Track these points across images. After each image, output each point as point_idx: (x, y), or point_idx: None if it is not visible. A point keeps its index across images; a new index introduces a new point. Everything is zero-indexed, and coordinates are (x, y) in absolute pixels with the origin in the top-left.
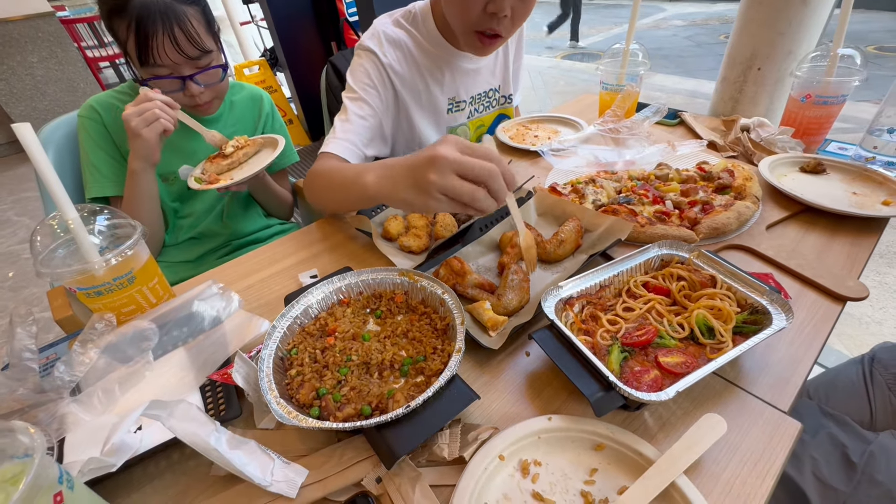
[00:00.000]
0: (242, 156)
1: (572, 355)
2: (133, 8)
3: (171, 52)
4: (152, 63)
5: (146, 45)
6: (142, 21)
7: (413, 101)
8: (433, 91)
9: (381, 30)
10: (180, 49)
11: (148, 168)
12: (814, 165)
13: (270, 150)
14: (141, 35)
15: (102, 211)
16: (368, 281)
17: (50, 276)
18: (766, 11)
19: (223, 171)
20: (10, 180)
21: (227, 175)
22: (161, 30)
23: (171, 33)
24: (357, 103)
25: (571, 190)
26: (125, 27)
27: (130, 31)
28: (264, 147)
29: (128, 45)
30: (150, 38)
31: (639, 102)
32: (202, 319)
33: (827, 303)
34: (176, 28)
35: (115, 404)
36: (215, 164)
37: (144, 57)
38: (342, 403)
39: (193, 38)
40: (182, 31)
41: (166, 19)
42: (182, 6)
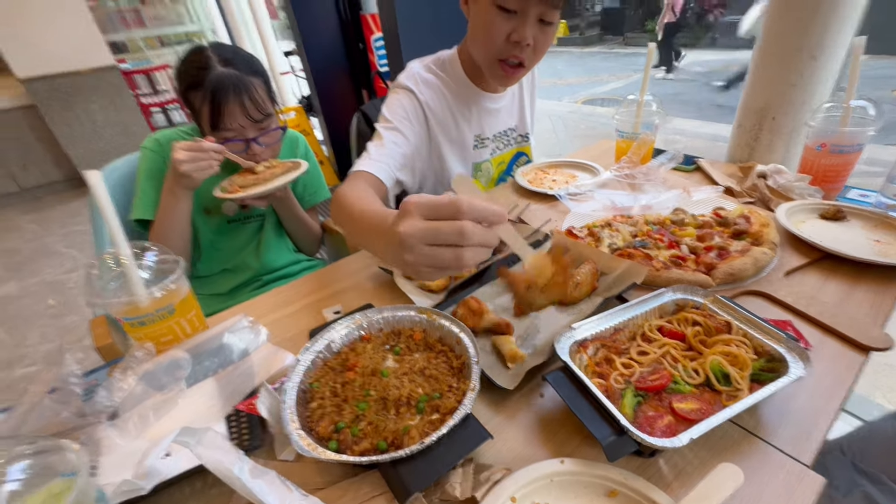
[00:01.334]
0: (269, 175)
1: (585, 398)
2: (209, 82)
3: (239, 118)
4: (222, 127)
5: (219, 113)
6: (216, 92)
7: (444, 137)
8: (461, 127)
9: (416, 71)
10: (247, 114)
11: (189, 193)
12: (833, 212)
13: (295, 172)
14: (214, 104)
15: (151, 248)
16: (389, 318)
17: (101, 306)
18: (776, 65)
19: (249, 185)
20: (62, 214)
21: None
22: (232, 99)
23: (240, 101)
24: (392, 132)
25: (588, 233)
26: (200, 98)
27: (205, 102)
28: (291, 170)
29: (202, 114)
30: (222, 106)
31: (655, 149)
32: (232, 351)
33: (850, 352)
34: (244, 96)
35: (148, 430)
36: (242, 178)
37: (216, 122)
38: (359, 438)
39: (258, 104)
40: (249, 99)
41: (236, 90)
42: (249, 77)
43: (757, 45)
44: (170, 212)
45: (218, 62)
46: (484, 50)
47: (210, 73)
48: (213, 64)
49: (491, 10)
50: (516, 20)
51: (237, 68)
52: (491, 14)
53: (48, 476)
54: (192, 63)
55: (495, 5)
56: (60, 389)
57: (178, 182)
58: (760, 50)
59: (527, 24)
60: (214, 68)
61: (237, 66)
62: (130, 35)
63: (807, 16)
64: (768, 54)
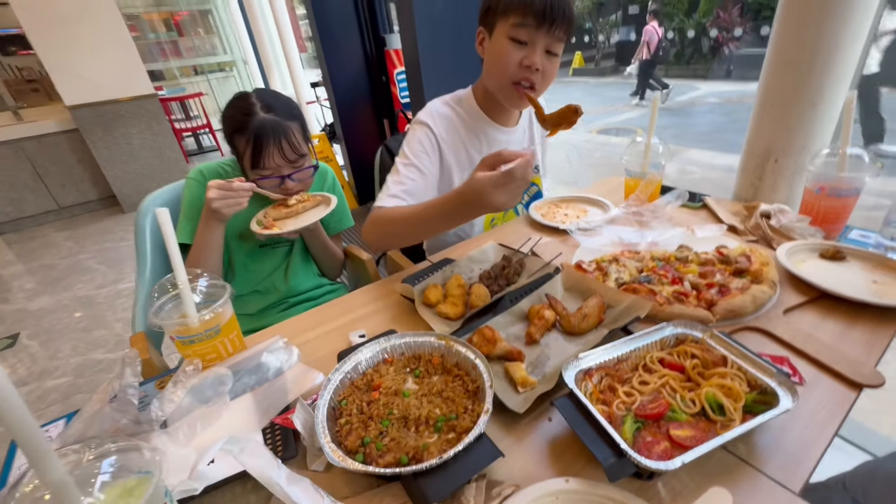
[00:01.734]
0: (301, 208)
1: (589, 423)
2: (252, 127)
3: (277, 159)
4: (262, 167)
5: (259, 154)
6: (258, 137)
7: (455, 164)
8: (472, 155)
9: (433, 108)
10: (284, 156)
11: (221, 225)
12: (833, 252)
13: (324, 208)
14: (256, 147)
15: (203, 275)
16: (410, 343)
17: (158, 325)
18: (776, 111)
19: (282, 218)
20: (96, 232)
21: (283, 223)
22: (271, 143)
23: (278, 145)
24: (410, 168)
25: (596, 268)
26: (244, 142)
27: (248, 145)
28: (321, 203)
29: (245, 155)
30: (262, 149)
31: (662, 186)
32: (268, 369)
33: (843, 389)
34: (282, 140)
35: (195, 439)
36: (276, 211)
37: (256, 162)
38: (383, 452)
39: (294, 146)
40: (287, 142)
41: (275, 134)
42: (287, 122)
43: (758, 90)
44: (204, 240)
45: (261, 109)
46: (499, 77)
47: (253, 120)
48: (256, 111)
49: (506, 43)
50: (527, 49)
51: (277, 114)
52: (506, 46)
53: (124, 473)
54: (237, 109)
55: (509, 38)
56: (120, 399)
57: (211, 216)
58: (762, 95)
59: (535, 52)
60: (257, 115)
61: (277, 112)
62: (168, 64)
63: (805, 68)
64: (769, 100)
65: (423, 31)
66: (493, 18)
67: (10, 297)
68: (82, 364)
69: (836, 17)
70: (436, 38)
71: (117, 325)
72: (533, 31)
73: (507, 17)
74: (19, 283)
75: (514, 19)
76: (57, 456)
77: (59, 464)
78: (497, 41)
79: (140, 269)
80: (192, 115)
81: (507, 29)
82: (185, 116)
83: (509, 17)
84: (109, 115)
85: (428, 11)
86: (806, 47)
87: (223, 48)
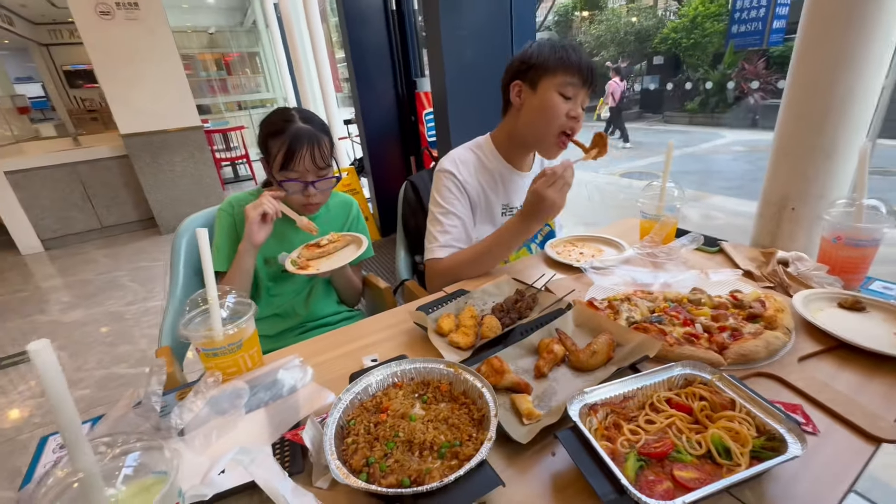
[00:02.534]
0: (332, 248)
1: (591, 457)
2: (289, 132)
3: (307, 163)
4: (291, 169)
5: (292, 156)
6: (293, 140)
7: (477, 202)
8: (490, 197)
9: (455, 155)
10: (314, 161)
11: (252, 250)
12: (852, 302)
13: (354, 248)
14: (290, 149)
15: (231, 291)
16: (420, 369)
17: (186, 336)
18: (792, 161)
19: (315, 258)
20: (132, 251)
21: (317, 262)
22: (305, 148)
23: (311, 151)
24: (449, 216)
25: (607, 306)
26: (279, 144)
27: (283, 147)
28: (351, 243)
29: (277, 156)
30: (296, 151)
31: (678, 229)
32: (283, 386)
33: (859, 442)
34: (315, 147)
35: (209, 448)
36: (309, 251)
37: (287, 164)
38: (386, 473)
39: (324, 155)
40: (318, 150)
41: (310, 141)
42: (320, 133)
43: (774, 139)
44: (239, 267)
45: (299, 119)
46: (547, 125)
47: (291, 125)
48: (295, 119)
49: (556, 96)
50: (572, 103)
51: (313, 126)
52: (556, 99)
53: (145, 470)
54: (278, 116)
55: (558, 93)
56: (144, 405)
57: (246, 236)
58: (777, 144)
59: (578, 105)
60: (295, 122)
61: (313, 125)
62: (215, 100)
63: (819, 119)
64: (784, 150)
65: (452, 77)
66: (537, 75)
67: (46, 309)
68: (105, 377)
69: (849, 69)
70: (463, 83)
71: (142, 341)
72: (578, 88)
73: (556, 75)
74: (57, 297)
75: (562, 78)
76: (89, 445)
77: (91, 453)
78: (544, 95)
79: (172, 288)
80: (232, 146)
81: (557, 85)
82: (225, 147)
83: (557, 75)
84: (157, 143)
85: (457, 59)
86: (819, 99)
87: (266, 86)
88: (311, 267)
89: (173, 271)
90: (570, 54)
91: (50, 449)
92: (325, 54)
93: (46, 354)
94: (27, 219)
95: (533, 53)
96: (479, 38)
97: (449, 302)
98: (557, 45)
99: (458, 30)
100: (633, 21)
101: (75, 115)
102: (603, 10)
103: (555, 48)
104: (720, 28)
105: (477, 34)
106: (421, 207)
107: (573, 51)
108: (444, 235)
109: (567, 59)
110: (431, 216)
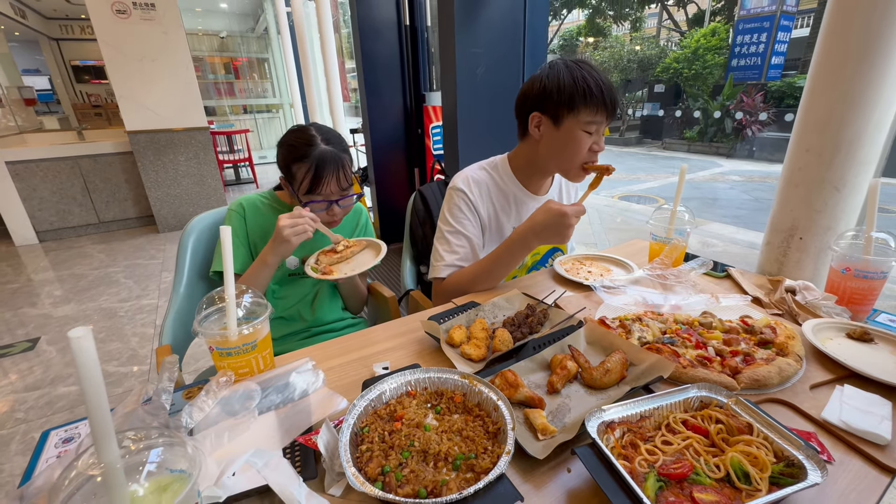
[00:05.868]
0: (349, 253)
1: (610, 475)
2: (314, 157)
3: (333, 186)
4: (317, 192)
5: (319, 182)
6: (320, 166)
7: (487, 222)
8: (501, 219)
9: (468, 174)
10: (339, 184)
11: (278, 263)
12: (860, 333)
13: (370, 252)
14: (317, 175)
15: (248, 291)
16: (434, 378)
17: (200, 334)
18: (801, 192)
19: (334, 263)
20: (128, 248)
21: (338, 267)
22: (331, 172)
23: (336, 174)
24: (457, 236)
25: (619, 325)
26: (304, 169)
27: (309, 172)
28: (367, 247)
29: (303, 181)
30: (323, 177)
31: (686, 253)
32: (294, 389)
33: (874, 472)
34: (340, 170)
35: (220, 449)
36: (328, 257)
37: (314, 188)
38: (402, 483)
39: (348, 176)
40: (343, 172)
41: (334, 165)
42: (342, 154)
43: (783, 170)
44: (258, 274)
45: (321, 140)
46: (570, 161)
47: (314, 150)
48: (317, 142)
49: (578, 132)
50: (594, 136)
51: (334, 146)
52: (580, 136)
53: (163, 468)
54: (299, 139)
55: (583, 130)
56: (154, 402)
57: (275, 251)
58: (786, 175)
59: (600, 137)
60: (318, 146)
61: (334, 145)
62: (221, 102)
63: (828, 155)
64: (793, 181)
65: (464, 92)
66: (558, 110)
67: (37, 302)
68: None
69: (860, 109)
70: (474, 99)
71: (133, 339)
72: (601, 124)
73: (580, 113)
74: (49, 290)
75: (586, 116)
76: (116, 440)
77: (117, 448)
78: (568, 132)
79: (175, 285)
80: (235, 148)
81: (581, 124)
82: (229, 149)
83: (581, 113)
84: (163, 141)
85: (469, 76)
86: (829, 136)
87: (273, 92)
88: (334, 272)
89: (178, 269)
90: (593, 88)
91: (52, 444)
92: (336, 64)
93: (86, 342)
94: (24, 210)
95: (553, 87)
96: (493, 55)
97: (460, 313)
98: (578, 74)
99: (473, 47)
100: (636, 49)
101: (79, 110)
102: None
103: (575, 79)
104: (721, 61)
105: (491, 52)
106: (429, 218)
107: (595, 83)
108: (450, 255)
109: (590, 94)
110: (440, 233)
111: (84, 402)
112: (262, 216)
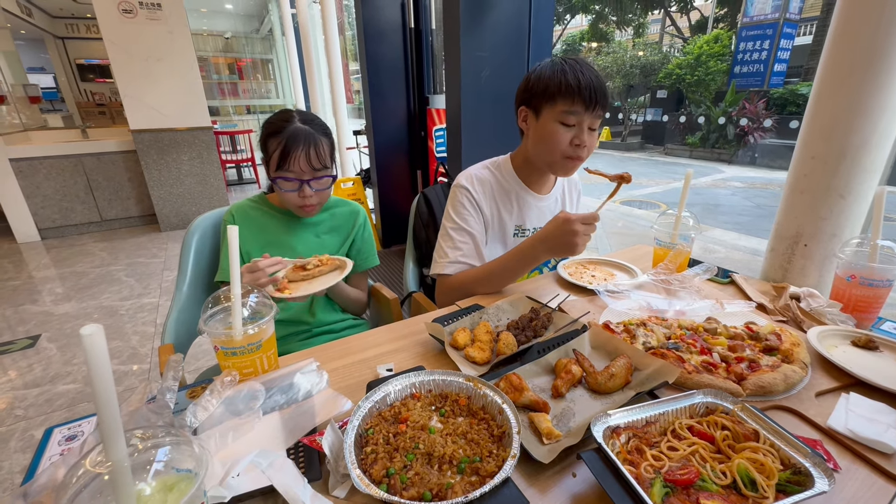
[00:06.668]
0: (317, 272)
1: (616, 481)
2: (286, 132)
3: (303, 163)
4: (286, 168)
5: (287, 156)
6: (289, 140)
7: (489, 221)
8: (503, 217)
9: (472, 172)
10: (310, 162)
11: None
12: (865, 341)
13: (339, 273)
14: (285, 149)
15: (254, 291)
16: (438, 381)
17: (206, 332)
18: (806, 199)
19: (298, 281)
20: (130, 246)
21: (297, 285)
22: (301, 148)
23: (306, 151)
24: (461, 233)
25: (623, 329)
26: (276, 143)
27: (279, 146)
28: (338, 267)
29: (273, 155)
30: (291, 151)
31: (691, 258)
32: (299, 390)
33: (881, 482)
34: (311, 147)
35: (224, 449)
36: (294, 273)
37: (283, 163)
38: (407, 485)
39: (320, 156)
40: (314, 151)
41: (305, 141)
42: (319, 136)
43: (788, 176)
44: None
45: (298, 120)
46: (550, 154)
47: (290, 126)
48: (294, 119)
49: (556, 126)
50: (575, 129)
51: (312, 127)
52: (557, 129)
53: (167, 468)
54: (278, 117)
55: (559, 122)
56: (158, 401)
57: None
58: (791, 182)
59: (583, 132)
60: (294, 122)
61: (312, 126)
62: (224, 103)
63: (833, 163)
64: (798, 187)
65: (468, 95)
66: (538, 102)
67: (38, 300)
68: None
69: (865, 117)
70: (478, 102)
71: (134, 337)
72: (580, 115)
73: (555, 103)
74: (50, 287)
75: (562, 106)
76: (124, 439)
77: (125, 446)
78: (546, 124)
79: (178, 285)
80: (238, 148)
81: (557, 114)
82: (232, 149)
83: (557, 103)
84: (167, 141)
85: (474, 78)
86: (835, 143)
87: (277, 93)
88: (287, 290)
89: (181, 268)
90: (569, 78)
91: (55, 441)
92: (340, 65)
93: (98, 339)
94: (27, 207)
95: (535, 80)
96: (497, 59)
97: (463, 316)
98: (558, 66)
99: (478, 50)
100: (639, 55)
101: (83, 108)
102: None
103: (555, 70)
104: (723, 67)
105: (495, 55)
106: (433, 221)
107: (573, 72)
108: (454, 252)
109: (565, 84)
110: (444, 230)
111: (93, 399)
112: (252, 221)
